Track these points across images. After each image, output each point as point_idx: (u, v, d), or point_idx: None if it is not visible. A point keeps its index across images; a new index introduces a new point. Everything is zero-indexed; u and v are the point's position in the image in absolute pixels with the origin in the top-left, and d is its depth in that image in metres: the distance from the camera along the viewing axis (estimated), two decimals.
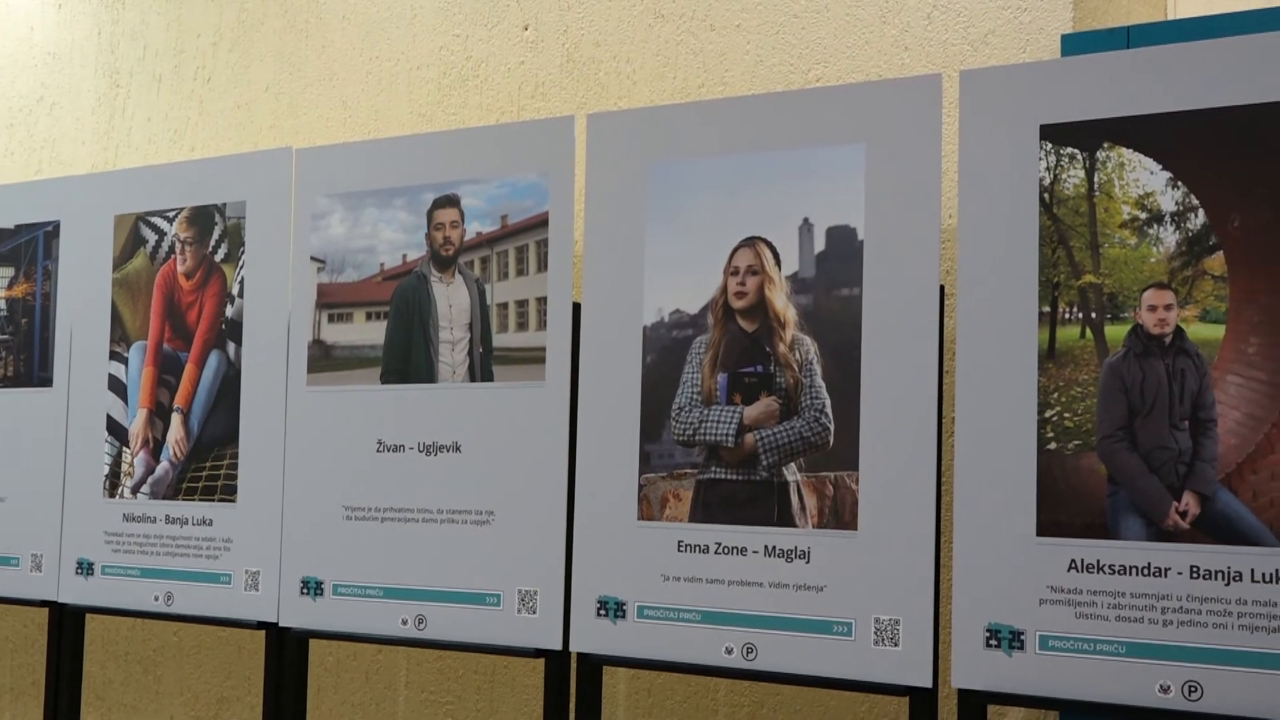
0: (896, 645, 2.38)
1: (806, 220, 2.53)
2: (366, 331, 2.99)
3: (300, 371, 3.05)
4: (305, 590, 2.99)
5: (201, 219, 3.25)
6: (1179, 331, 2.21)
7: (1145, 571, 2.19)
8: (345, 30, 3.88)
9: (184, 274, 3.26)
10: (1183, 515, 2.17)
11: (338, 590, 2.95)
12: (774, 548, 2.49)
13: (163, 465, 3.23)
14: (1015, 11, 2.96)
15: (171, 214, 3.30)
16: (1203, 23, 2.61)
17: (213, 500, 3.14)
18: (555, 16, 3.54)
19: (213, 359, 3.20)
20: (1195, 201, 2.22)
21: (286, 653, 3.05)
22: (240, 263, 3.17)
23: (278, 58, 4.00)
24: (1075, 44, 2.71)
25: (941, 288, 2.44)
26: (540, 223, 2.81)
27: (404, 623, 2.86)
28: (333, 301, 3.05)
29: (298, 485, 3.03)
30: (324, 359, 3.03)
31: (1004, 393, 2.32)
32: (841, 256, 2.49)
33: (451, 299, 2.90)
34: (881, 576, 2.40)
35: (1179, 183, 2.23)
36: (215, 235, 3.22)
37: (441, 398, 2.87)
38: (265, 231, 3.14)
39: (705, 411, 2.58)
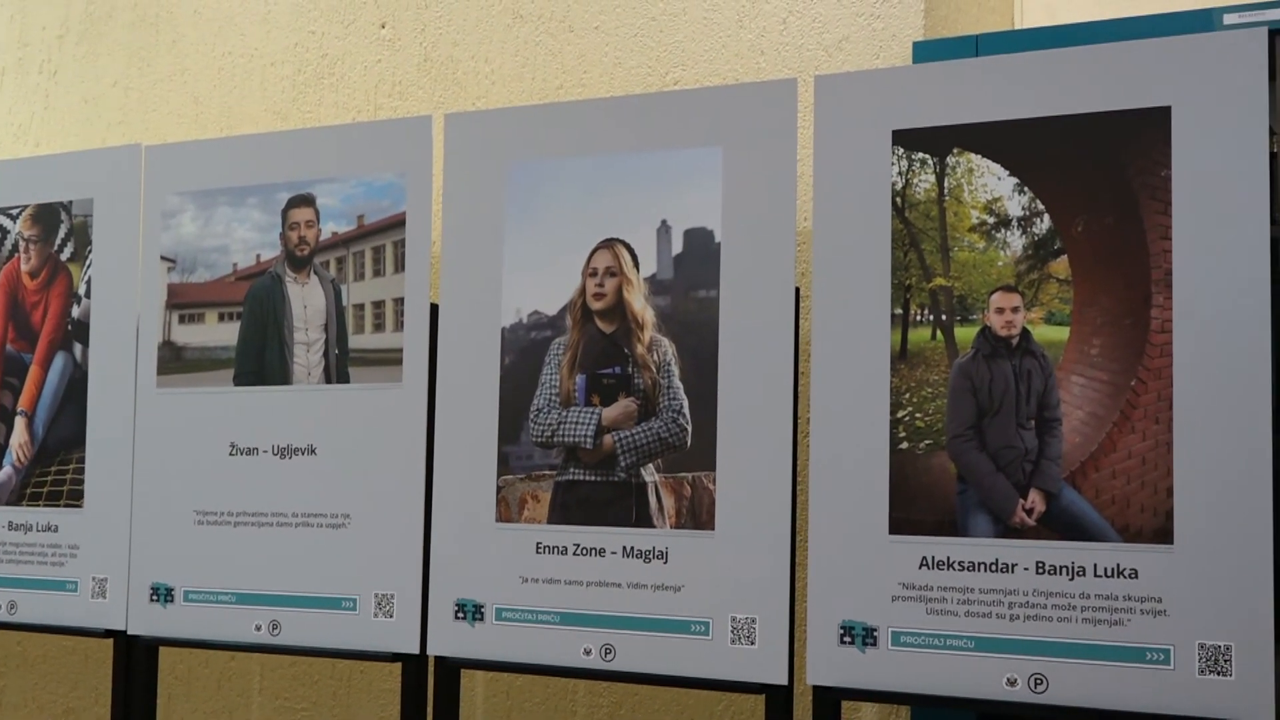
0: (753, 644, 2.40)
1: (664, 222, 2.55)
2: (219, 332, 2.94)
3: (150, 373, 2.99)
4: (155, 597, 2.92)
5: (46, 217, 3.16)
6: (1025, 333, 2.27)
7: (993, 568, 2.24)
8: (197, 25, 3.81)
9: (28, 273, 3.17)
10: (1029, 513, 2.23)
11: (189, 596, 2.89)
12: (632, 548, 2.50)
13: (5, 470, 3.13)
14: (869, 19, 3.01)
15: (15, 211, 3.20)
16: (1048, 33, 2.68)
17: (58, 506, 3.06)
18: (413, 15, 3.51)
19: (58, 361, 3.11)
20: (1041, 206, 2.28)
21: (135, 661, 2.98)
22: (87, 262, 3.09)
23: (127, 52, 3.91)
24: (926, 51, 2.76)
25: (797, 290, 2.47)
26: (397, 223, 2.78)
27: (257, 628, 2.82)
28: (184, 302, 2.98)
29: (147, 489, 2.96)
30: (174, 360, 2.97)
31: (857, 393, 2.36)
32: (699, 258, 2.51)
33: (306, 300, 2.86)
34: (738, 576, 2.42)
35: (1025, 188, 2.29)
36: (61, 233, 3.14)
37: (296, 400, 2.83)
38: (113, 230, 3.07)
39: (564, 413, 2.58)
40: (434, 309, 2.74)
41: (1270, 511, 2.08)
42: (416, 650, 2.68)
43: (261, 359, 2.88)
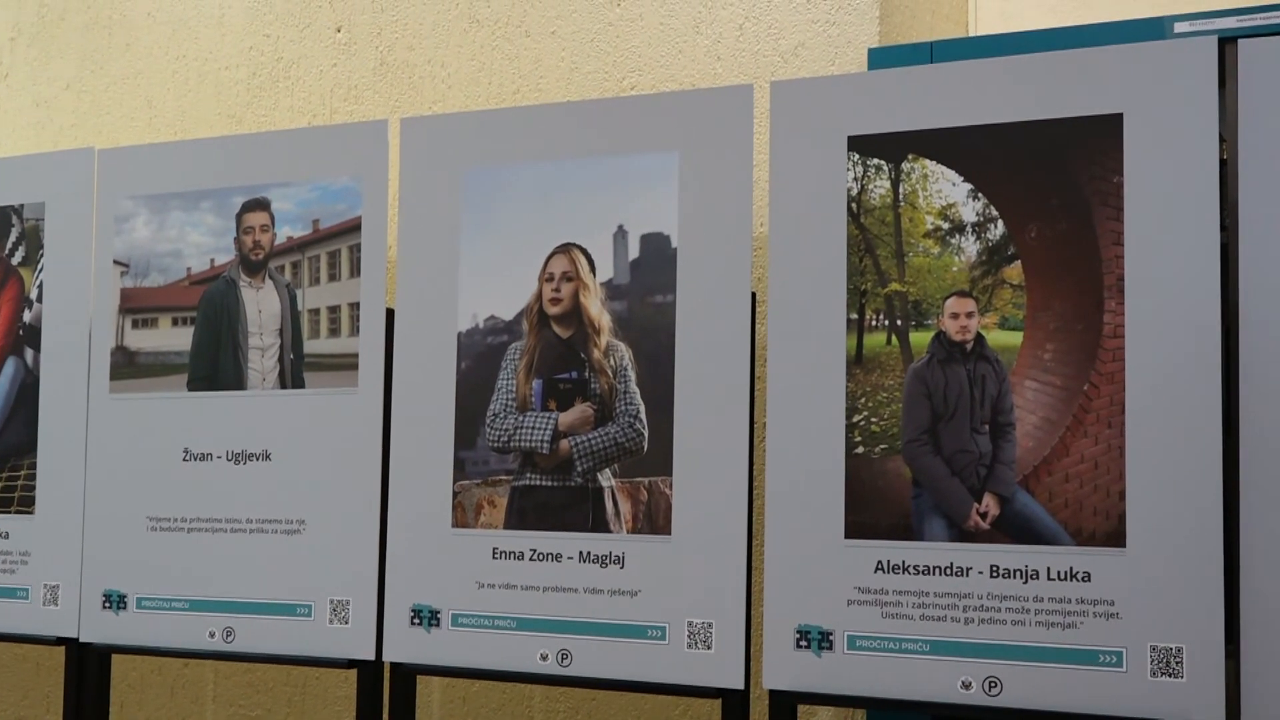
0: (709, 648, 2.40)
1: (621, 227, 2.55)
2: (172, 337, 2.92)
3: (102, 378, 2.96)
4: (107, 604, 2.90)
5: None
6: (980, 338, 2.28)
7: (948, 571, 2.25)
8: (150, 28, 3.78)
9: None
10: (983, 516, 2.24)
11: (141, 603, 2.87)
12: (589, 553, 2.50)
13: None
14: (824, 25, 3.02)
15: None
16: (1002, 40, 2.70)
17: (9, 512, 3.03)
18: (368, 19, 3.50)
19: (9, 366, 3.08)
20: (995, 212, 2.30)
21: (87, 669, 2.95)
22: (39, 266, 3.06)
23: (80, 55, 3.88)
24: (881, 58, 2.78)
25: (753, 295, 2.48)
26: (353, 227, 2.77)
27: (211, 635, 2.80)
28: (137, 306, 2.96)
29: (99, 496, 2.93)
30: (127, 366, 2.95)
31: (813, 398, 2.37)
32: (655, 263, 2.51)
33: (261, 304, 2.84)
34: (695, 580, 2.42)
35: (979, 194, 2.31)
36: (12, 237, 3.11)
37: (251, 405, 2.81)
38: (65, 234, 3.04)
39: (520, 418, 2.58)
40: (390, 314, 2.73)
41: (1220, 514, 2.11)
42: (372, 656, 2.67)
43: (215, 364, 2.86)
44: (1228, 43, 2.22)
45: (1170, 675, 2.11)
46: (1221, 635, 2.10)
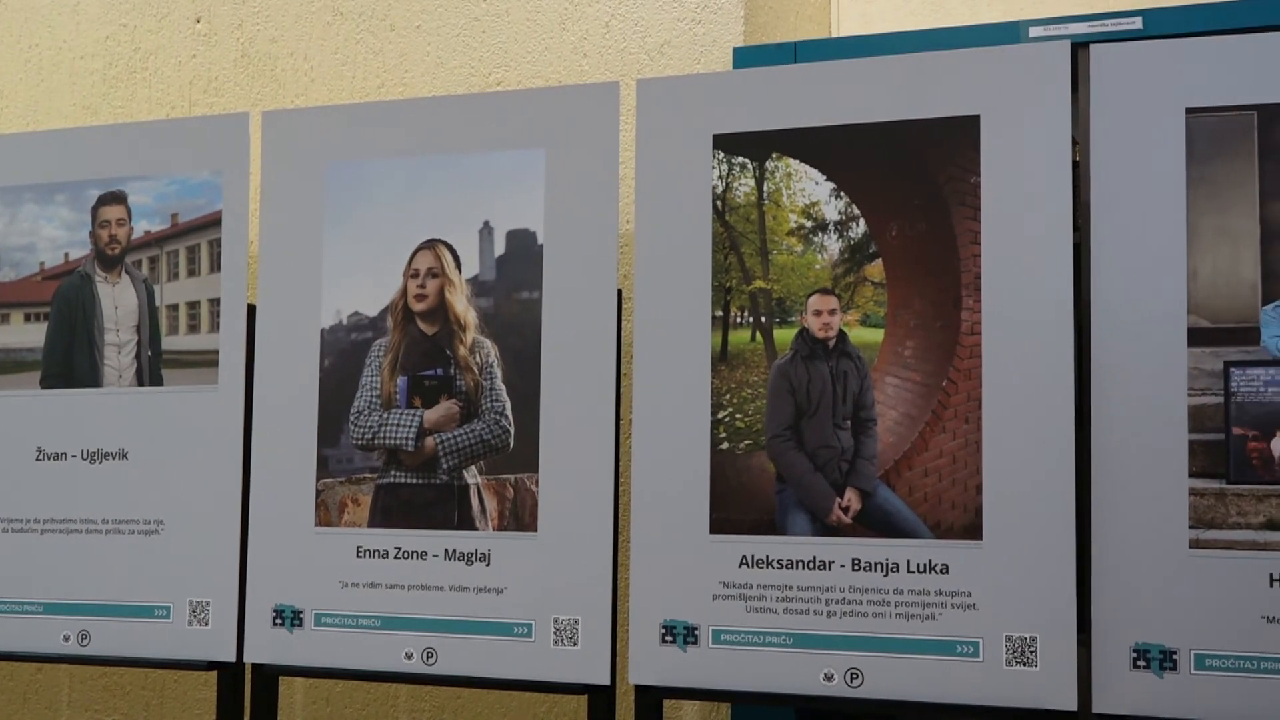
0: (576, 645, 2.41)
1: (487, 223, 2.54)
2: (25, 334, 2.84)
3: None
4: None
5: None
6: (842, 335, 2.32)
7: (811, 565, 2.28)
8: (1, 15, 3.68)
9: None
10: (845, 511, 2.28)
11: None
12: (454, 551, 2.49)
13: None
14: (690, 24, 3.04)
15: None
16: (864, 41, 2.75)
17: None
18: (229, 10, 3.44)
19: None
20: (857, 211, 2.33)
21: None
22: None
23: None
24: (746, 57, 2.81)
25: (619, 291, 2.48)
26: (213, 222, 2.73)
27: (66, 639, 2.73)
28: None
29: None
30: None
31: (679, 394, 2.38)
32: (521, 260, 2.51)
33: (117, 300, 2.78)
34: (561, 577, 2.42)
35: (842, 193, 2.34)
36: None
37: (107, 403, 2.75)
38: None
39: (385, 415, 2.56)
40: (251, 310, 2.69)
41: (1073, 507, 2.16)
42: (233, 658, 2.63)
43: (70, 361, 2.79)
44: (1080, 47, 2.27)
45: (1024, 664, 2.16)
46: (1074, 624, 2.15)
